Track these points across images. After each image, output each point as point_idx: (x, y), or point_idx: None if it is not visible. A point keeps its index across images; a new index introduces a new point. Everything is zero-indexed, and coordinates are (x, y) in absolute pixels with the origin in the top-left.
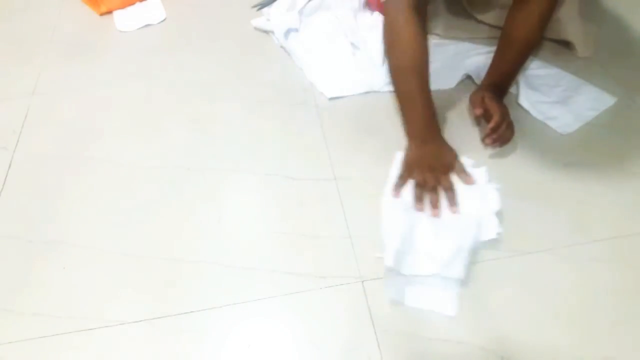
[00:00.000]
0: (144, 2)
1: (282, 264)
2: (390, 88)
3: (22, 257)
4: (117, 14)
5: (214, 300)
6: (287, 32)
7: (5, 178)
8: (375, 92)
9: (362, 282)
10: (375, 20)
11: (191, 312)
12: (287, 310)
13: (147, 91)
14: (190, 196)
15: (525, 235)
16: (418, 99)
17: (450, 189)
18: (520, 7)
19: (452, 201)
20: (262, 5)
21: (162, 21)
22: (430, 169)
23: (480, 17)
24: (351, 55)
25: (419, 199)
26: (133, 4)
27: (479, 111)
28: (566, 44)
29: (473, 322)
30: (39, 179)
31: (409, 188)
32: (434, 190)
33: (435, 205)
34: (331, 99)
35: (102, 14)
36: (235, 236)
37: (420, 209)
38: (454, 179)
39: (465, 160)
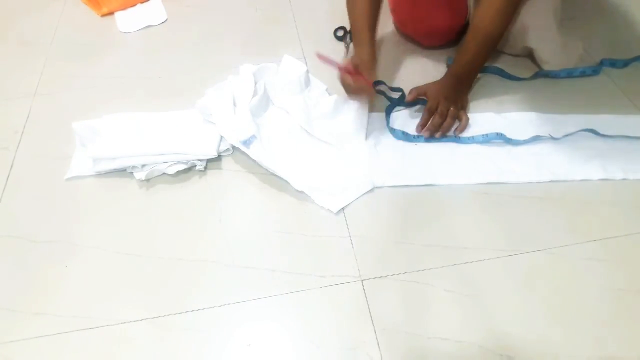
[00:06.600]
0: (145, 4)
1: (282, 263)
2: (392, 182)
3: (24, 257)
4: (118, 15)
5: (215, 299)
6: (247, 142)
7: (7, 178)
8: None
9: (362, 281)
10: (328, 102)
11: (192, 311)
12: (287, 309)
13: (148, 92)
14: (192, 195)
15: (523, 234)
16: (364, 34)
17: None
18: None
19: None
20: None
21: (163, 22)
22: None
23: None
24: (332, 155)
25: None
26: (134, 5)
27: (410, 97)
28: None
29: (472, 320)
30: (41, 179)
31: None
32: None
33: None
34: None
35: (103, 15)
36: (236, 235)
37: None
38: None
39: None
